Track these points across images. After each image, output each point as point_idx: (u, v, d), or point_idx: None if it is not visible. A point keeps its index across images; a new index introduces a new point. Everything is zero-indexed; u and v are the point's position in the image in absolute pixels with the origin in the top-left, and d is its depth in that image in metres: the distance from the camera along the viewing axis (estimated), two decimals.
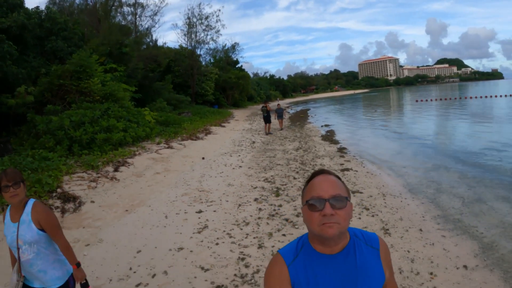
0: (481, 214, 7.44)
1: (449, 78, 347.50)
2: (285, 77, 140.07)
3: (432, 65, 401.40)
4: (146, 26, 37.57)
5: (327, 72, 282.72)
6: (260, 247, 5.90)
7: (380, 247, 1.68)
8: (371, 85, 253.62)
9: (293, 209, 7.73)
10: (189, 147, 16.02)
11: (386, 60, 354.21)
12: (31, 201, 2.97)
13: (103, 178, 10.02)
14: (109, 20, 30.67)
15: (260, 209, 7.85)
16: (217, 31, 46.55)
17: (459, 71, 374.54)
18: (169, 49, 43.55)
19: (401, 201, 8.27)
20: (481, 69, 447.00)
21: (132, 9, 34.88)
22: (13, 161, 10.00)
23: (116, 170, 10.85)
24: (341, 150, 15.31)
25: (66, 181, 9.19)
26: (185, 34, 44.77)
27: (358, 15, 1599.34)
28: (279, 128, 25.06)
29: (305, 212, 1.57)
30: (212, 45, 58.81)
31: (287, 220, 7.08)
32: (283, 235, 6.37)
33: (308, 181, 1.64)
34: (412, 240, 6.06)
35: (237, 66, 60.40)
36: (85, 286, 3.10)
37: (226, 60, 55.83)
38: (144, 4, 36.85)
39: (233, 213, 7.68)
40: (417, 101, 56.75)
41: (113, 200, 8.49)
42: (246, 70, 64.08)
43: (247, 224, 6.98)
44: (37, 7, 18.66)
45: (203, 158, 13.91)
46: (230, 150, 16.15)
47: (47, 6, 19.80)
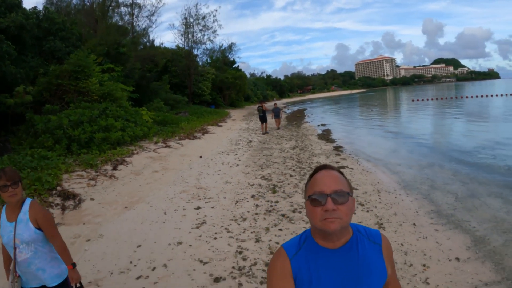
0: (473, 209, 7.59)
1: (445, 78, 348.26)
2: (282, 77, 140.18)
3: (429, 65, 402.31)
4: (143, 26, 37.69)
5: (324, 72, 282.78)
6: (257, 241, 6.05)
7: (382, 243, 1.69)
8: (368, 85, 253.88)
9: (289, 205, 7.87)
10: (186, 146, 16.14)
11: (382, 60, 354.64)
12: (28, 200, 2.98)
13: (102, 176, 10.14)
14: (106, 20, 30.75)
15: (257, 205, 8.00)
16: (214, 31, 46.64)
17: (456, 71, 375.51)
18: (166, 49, 43.58)
19: (396, 197, 8.43)
20: (477, 69, 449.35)
21: (129, 9, 34.98)
22: (12, 160, 10.10)
23: (114, 169, 10.97)
24: (337, 148, 15.47)
25: (66, 179, 9.31)
26: (182, 34, 44.88)
27: (354, 15, 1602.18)
28: (276, 127, 25.13)
29: (307, 207, 1.59)
30: (209, 45, 59.11)
31: (283, 215, 7.23)
32: (279, 229, 6.52)
33: (311, 176, 1.66)
34: (405, 234, 6.21)
35: (234, 66, 60.49)
36: None
37: (223, 60, 55.93)
38: (141, 5, 36.99)
39: (231, 209, 7.82)
40: (413, 100, 56.89)
41: (112, 198, 8.61)
42: (243, 70, 64.16)
43: (245, 219, 7.13)
44: (35, 7, 18.74)
45: (200, 157, 14.04)
46: (227, 149, 16.29)
47: (45, 7, 19.87)
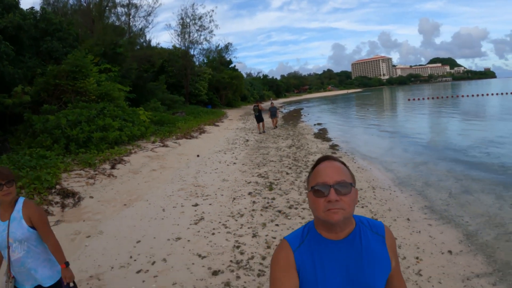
0: (467, 205, 7.75)
1: (442, 77, 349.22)
2: (279, 77, 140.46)
3: (425, 65, 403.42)
4: (140, 26, 37.77)
5: (320, 72, 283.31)
6: (254, 236, 6.19)
7: (385, 234, 1.68)
8: (364, 84, 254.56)
9: (285, 201, 8.02)
10: (184, 146, 16.26)
11: (379, 60, 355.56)
12: (21, 199, 2.98)
13: (101, 175, 10.24)
14: (103, 21, 30.82)
15: (254, 202, 8.14)
16: (211, 31, 46.75)
17: (452, 70, 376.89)
18: (163, 49, 43.69)
19: (390, 194, 8.59)
20: (473, 68, 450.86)
21: (126, 9, 35.06)
22: (11, 159, 10.18)
23: (113, 168, 11.07)
24: (333, 147, 15.63)
25: (65, 178, 9.40)
26: (178, 35, 44.94)
27: (351, 15, 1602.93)
28: (272, 127, 25.24)
29: (310, 198, 1.59)
30: (205, 45, 58.96)
31: (280, 211, 7.37)
32: (276, 225, 6.67)
33: (314, 167, 1.66)
34: (399, 229, 6.36)
35: (230, 66, 60.54)
36: None
37: (220, 60, 55.96)
38: (138, 5, 37.01)
39: (228, 206, 7.97)
40: (409, 100, 57.08)
41: (111, 196, 8.73)
42: (239, 70, 64.22)
43: (242, 215, 7.28)
44: (32, 7, 18.82)
45: (198, 156, 14.18)
46: (224, 148, 16.43)
47: (42, 7, 19.95)
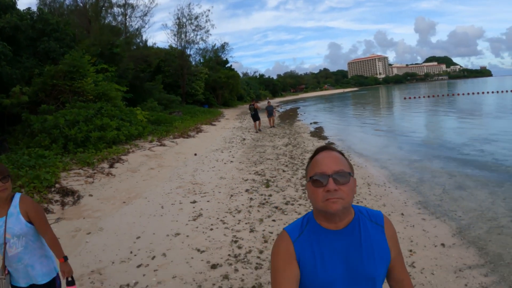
0: (460, 200, 7.92)
1: (438, 76, 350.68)
2: (275, 77, 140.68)
3: (421, 63, 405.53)
4: (136, 26, 37.74)
5: (316, 71, 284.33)
6: (251, 231, 6.33)
7: (384, 224, 1.68)
8: (360, 83, 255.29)
9: (282, 198, 8.16)
10: (181, 145, 16.37)
11: (375, 59, 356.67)
12: (18, 195, 2.97)
13: (99, 174, 10.35)
14: (99, 21, 30.85)
15: (251, 198, 8.28)
16: (207, 31, 46.77)
17: (448, 69, 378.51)
18: (159, 49, 43.66)
19: (385, 190, 8.75)
20: (469, 66, 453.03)
21: (122, 9, 35.06)
22: (10, 159, 10.26)
23: (111, 167, 11.18)
24: (329, 145, 15.73)
25: (64, 177, 9.50)
26: (175, 34, 44.91)
27: (347, 14, 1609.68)
28: (269, 126, 25.33)
29: (309, 188, 1.60)
30: (201, 45, 59.09)
31: (276, 207, 7.51)
32: (273, 220, 6.81)
33: (312, 157, 1.67)
34: (394, 223, 6.36)
35: (226, 66, 60.66)
36: (71, 283, 3.07)
37: (216, 60, 56.04)
38: (134, 5, 37.03)
39: (226, 202, 8.10)
40: (405, 98, 57.28)
41: (110, 194, 8.84)
42: (235, 69, 64.39)
43: (239, 212, 7.41)
44: (29, 8, 18.86)
45: (195, 154, 14.30)
46: (221, 147, 16.55)
47: (39, 8, 19.99)
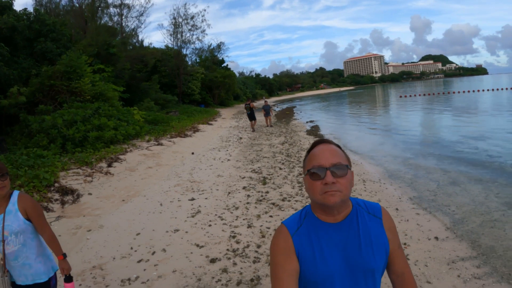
0: (454, 195, 8.08)
1: (434, 74, 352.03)
2: (271, 76, 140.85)
3: (417, 62, 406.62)
4: (132, 26, 37.88)
5: (312, 70, 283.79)
6: (249, 226, 6.46)
7: (382, 216, 1.68)
8: (356, 82, 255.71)
9: (279, 195, 8.29)
10: (178, 144, 16.47)
11: (371, 58, 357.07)
12: (16, 192, 2.96)
13: (98, 173, 10.44)
14: (95, 21, 30.90)
15: (249, 195, 8.41)
16: (203, 30, 46.87)
17: (444, 67, 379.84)
18: (156, 49, 43.72)
19: (380, 186, 8.90)
20: (465, 65, 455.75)
21: (118, 10, 35.16)
22: (9, 159, 10.33)
23: (109, 166, 11.27)
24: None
25: (62, 176, 9.59)
26: (171, 34, 44.95)
27: (342, 13, 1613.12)
28: (265, 125, 25.40)
29: (307, 182, 1.60)
30: (198, 44, 59.24)
31: (273, 204, 7.65)
32: (270, 216, 6.94)
33: (309, 151, 1.67)
34: None
35: (222, 66, 60.63)
36: (69, 280, 3.09)
37: (212, 59, 56.03)
38: (130, 5, 37.11)
39: (224, 199, 8.23)
40: (401, 97, 57.51)
41: (109, 192, 8.95)
42: (231, 69, 64.38)
43: (237, 208, 7.54)
44: (25, 9, 18.93)
45: (192, 153, 14.41)
46: (218, 146, 16.67)
47: (35, 8, 20.06)
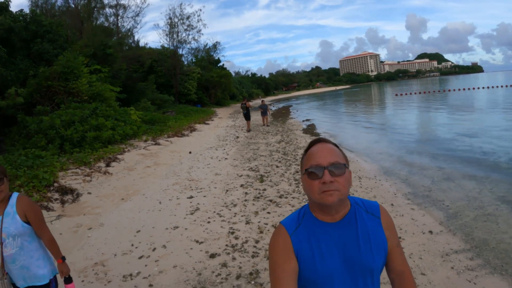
0: (448, 190, 8.25)
1: (429, 72, 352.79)
2: (267, 75, 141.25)
3: (413, 60, 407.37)
4: (128, 27, 37.90)
5: (308, 69, 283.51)
6: (247, 223, 6.58)
7: (381, 214, 1.68)
8: (352, 81, 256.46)
9: (276, 192, 8.42)
10: (175, 143, 16.57)
11: (367, 56, 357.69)
12: (15, 194, 2.89)
13: (97, 172, 10.53)
14: (91, 22, 30.94)
15: (246, 193, 8.54)
16: (199, 30, 46.93)
17: (440, 66, 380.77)
18: (152, 49, 43.79)
19: (375, 182, 9.05)
20: (461, 63, 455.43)
21: (114, 10, 35.20)
22: (8, 160, 10.41)
23: (108, 166, 11.36)
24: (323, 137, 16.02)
25: (61, 176, 9.68)
26: (167, 34, 44.94)
27: (338, 12, 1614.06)
28: (261, 124, 25.49)
29: (304, 181, 1.59)
30: (193, 44, 59.11)
31: (271, 201, 7.77)
32: (267, 212, 7.07)
33: (306, 150, 1.67)
34: None
35: (218, 65, 60.77)
36: (68, 281, 3.09)
37: (208, 59, 56.12)
38: (126, 5, 37.15)
39: (222, 197, 8.35)
40: (397, 95, 57.75)
41: (108, 191, 9.04)
42: (227, 69, 64.60)
43: (235, 205, 7.66)
44: (21, 10, 18.99)
45: (190, 152, 14.51)
46: (215, 145, 16.78)
47: (31, 9, 20.11)
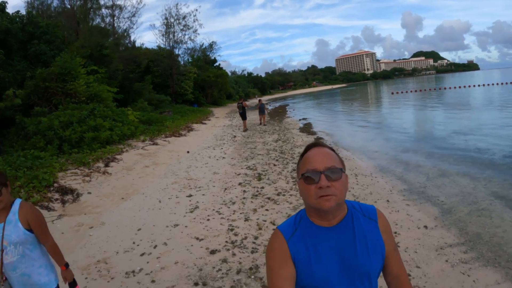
0: (443, 187, 8.41)
1: (425, 70, 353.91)
2: (263, 75, 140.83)
3: (409, 58, 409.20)
4: (124, 27, 37.95)
5: (304, 68, 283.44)
6: (246, 220, 6.71)
7: (378, 218, 1.69)
8: (348, 79, 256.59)
9: (274, 189, 8.55)
10: (173, 143, 16.67)
11: (363, 55, 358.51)
12: (18, 201, 2.84)
13: (96, 173, 10.61)
14: (88, 23, 30.97)
15: (245, 191, 8.67)
16: (195, 30, 46.93)
17: (436, 64, 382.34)
18: (148, 49, 43.82)
19: (371, 180, 9.19)
20: (457, 60, 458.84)
21: (110, 11, 35.23)
22: (7, 161, 10.49)
23: (107, 166, 11.44)
24: (318, 140, 16.19)
25: (61, 176, 9.76)
26: (163, 35, 44.98)
27: (334, 11, 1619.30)
28: (259, 123, 25.58)
29: (301, 186, 1.57)
30: (190, 44, 59.28)
31: (269, 198, 7.91)
32: (266, 210, 7.21)
33: (302, 154, 1.65)
34: (379, 209, 6.87)
35: (215, 65, 60.77)
36: (73, 285, 3.10)
37: (204, 59, 56.13)
38: (122, 6, 37.20)
39: (220, 195, 8.48)
40: (393, 93, 57.92)
41: (108, 191, 9.14)
42: (224, 68, 64.59)
43: (234, 203, 7.79)
44: (18, 11, 19.03)
45: (188, 152, 14.63)
46: (213, 144, 16.90)
47: (28, 11, 20.13)
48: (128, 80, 27.94)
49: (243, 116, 23.65)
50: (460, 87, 54.44)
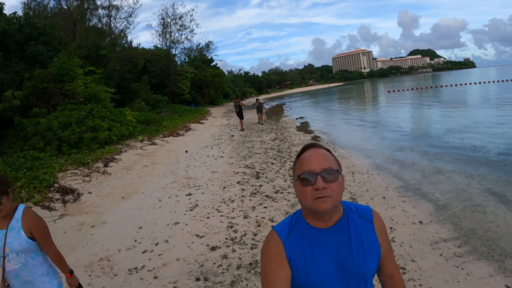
0: (438, 183, 8.57)
1: (422, 68, 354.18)
2: (260, 74, 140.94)
3: (405, 57, 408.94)
4: (121, 27, 37.97)
5: (301, 67, 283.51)
6: (245, 217, 6.85)
7: (374, 220, 1.66)
8: (345, 78, 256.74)
9: (272, 187, 8.69)
10: (171, 143, 16.77)
11: (359, 53, 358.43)
12: (21, 207, 2.75)
13: (95, 173, 10.71)
14: (84, 23, 31.01)
15: (243, 189, 8.81)
16: (191, 30, 46.99)
17: (432, 62, 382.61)
18: (145, 50, 43.90)
19: (368, 177, 9.34)
20: (453, 58, 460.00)
21: (107, 11, 35.27)
22: (7, 162, 10.56)
23: (106, 166, 11.53)
24: (315, 138, 16.35)
25: (61, 177, 9.85)
26: (159, 35, 45.00)
27: (330, 9, 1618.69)
28: (257, 122, 25.69)
29: (297, 187, 1.56)
30: (186, 44, 59.26)
31: (267, 196, 8.05)
32: (264, 207, 7.35)
33: (299, 156, 1.63)
34: (375, 205, 7.05)
35: (211, 65, 60.80)
36: None
37: (201, 59, 56.16)
38: (119, 6, 37.23)
39: (219, 193, 8.61)
40: (390, 92, 58.13)
41: (108, 190, 9.24)
42: (220, 68, 64.69)
43: (233, 201, 7.92)
44: (15, 12, 19.09)
45: (186, 152, 14.73)
46: (211, 144, 17.02)
47: (25, 12, 20.21)
48: (125, 81, 27.99)
49: (240, 115, 23.72)
50: (456, 85, 54.69)
